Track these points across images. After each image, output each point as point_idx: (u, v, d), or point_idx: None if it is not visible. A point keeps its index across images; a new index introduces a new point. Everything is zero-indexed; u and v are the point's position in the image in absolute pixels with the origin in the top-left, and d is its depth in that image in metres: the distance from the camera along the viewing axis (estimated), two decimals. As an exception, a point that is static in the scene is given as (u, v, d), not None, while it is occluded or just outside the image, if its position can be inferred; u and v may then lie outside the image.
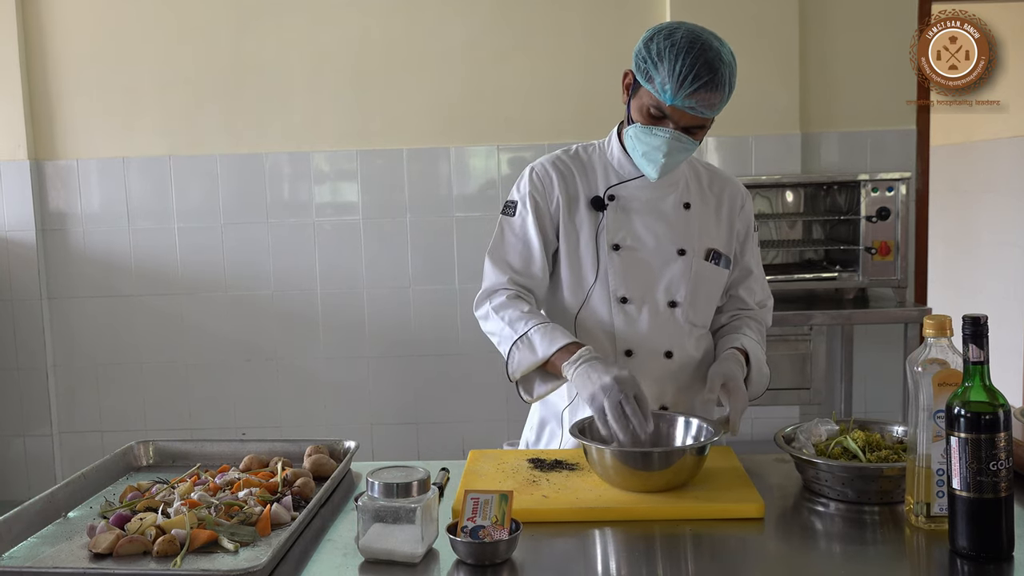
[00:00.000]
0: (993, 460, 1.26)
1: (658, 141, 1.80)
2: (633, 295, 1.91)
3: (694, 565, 1.41)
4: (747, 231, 2.04)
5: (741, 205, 2.03)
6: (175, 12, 4.15)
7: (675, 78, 1.73)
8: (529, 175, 1.97)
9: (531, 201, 1.94)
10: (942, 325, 1.38)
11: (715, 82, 1.73)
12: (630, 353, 1.91)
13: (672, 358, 1.92)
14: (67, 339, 4.26)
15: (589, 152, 2.00)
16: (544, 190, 1.94)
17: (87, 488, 1.65)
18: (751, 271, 2.05)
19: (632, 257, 1.91)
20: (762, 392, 1.96)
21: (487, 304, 1.92)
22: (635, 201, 1.93)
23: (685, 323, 1.93)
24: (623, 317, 1.91)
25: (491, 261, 1.96)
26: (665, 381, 1.92)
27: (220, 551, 1.38)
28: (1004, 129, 4.93)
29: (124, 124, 4.19)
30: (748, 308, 2.04)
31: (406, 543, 1.33)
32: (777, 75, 4.06)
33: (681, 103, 1.74)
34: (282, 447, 1.82)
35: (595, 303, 1.92)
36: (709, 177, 2.02)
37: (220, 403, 4.26)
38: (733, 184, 2.05)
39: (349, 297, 4.23)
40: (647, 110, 1.80)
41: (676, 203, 1.94)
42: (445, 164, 4.18)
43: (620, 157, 1.94)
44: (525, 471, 1.67)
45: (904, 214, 3.81)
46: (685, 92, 1.73)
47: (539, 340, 1.80)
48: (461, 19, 4.14)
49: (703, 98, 1.74)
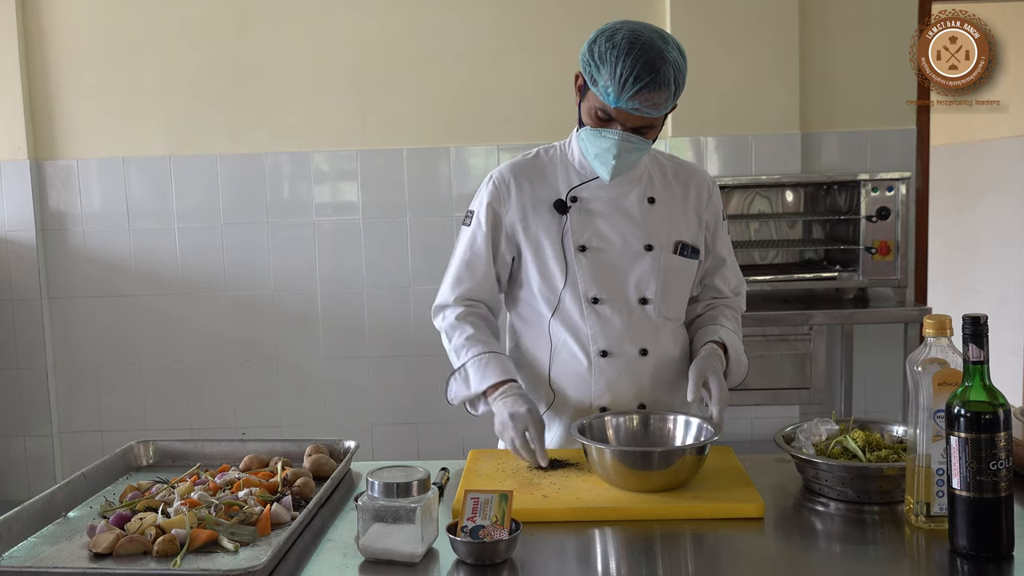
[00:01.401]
0: (993, 460, 1.26)
1: (607, 143, 1.80)
2: (604, 295, 1.90)
3: (694, 565, 1.41)
4: (716, 220, 2.02)
5: (708, 195, 2.01)
6: (175, 12, 4.15)
7: (617, 81, 1.72)
8: (487, 184, 1.97)
9: (489, 212, 1.94)
10: (942, 325, 1.38)
11: (657, 82, 1.72)
12: (605, 353, 1.90)
13: (648, 355, 1.92)
14: (67, 339, 4.26)
15: (550, 154, 2.00)
16: (501, 199, 1.94)
17: (87, 488, 1.65)
18: (724, 259, 2.05)
19: (599, 257, 1.91)
20: (741, 380, 1.97)
21: (440, 318, 1.99)
22: (597, 201, 1.92)
23: (658, 318, 1.93)
24: (595, 318, 1.90)
25: (447, 274, 2.00)
26: (642, 379, 1.92)
27: (220, 551, 1.38)
28: (1004, 129, 4.93)
29: (124, 124, 4.19)
30: (723, 296, 2.04)
31: (406, 543, 1.33)
32: (777, 75, 4.06)
33: (625, 105, 1.74)
34: (282, 447, 1.82)
35: (567, 306, 1.91)
36: (674, 169, 2.01)
37: (220, 403, 4.26)
38: (699, 174, 2.04)
39: (349, 297, 4.23)
40: (595, 112, 1.80)
41: (640, 199, 1.93)
42: (445, 164, 4.18)
43: (580, 158, 1.94)
44: (525, 471, 1.67)
45: (904, 214, 3.81)
46: (628, 94, 1.72)
47: (473, 374, 1.87)
48: (461, 19, 4.14)
49: (647, 98, 1.73)
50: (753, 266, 4.15)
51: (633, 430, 1.74)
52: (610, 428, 1.73)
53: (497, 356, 1.88)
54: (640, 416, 1.77)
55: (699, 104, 4.08)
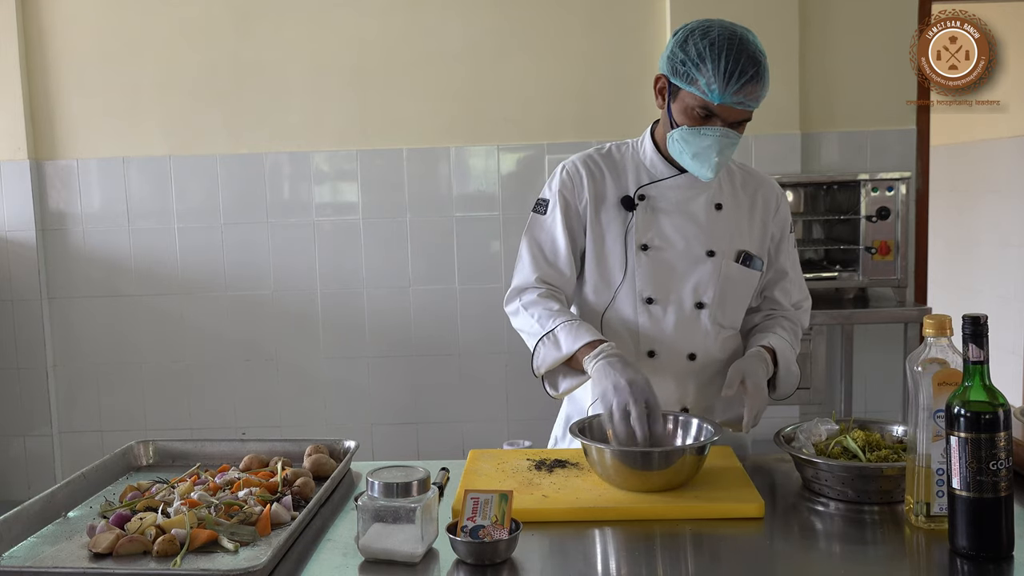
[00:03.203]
0: (993, 460, 1.26)
1: (709, 140, 1.80)
2: (659, 296, 1.91)
3: (694, 565, 1.41)
4: (782, 232, 2.02)
5: (776, 207, 2.01)
6: (175, 12, 4.15)
7: (721, 76, 1.73)
8: (560, 173, 1.98)
9: (561, 200, 1.94)
10: (942, 325, 1.38)
11: (760, 74, 1.75)
12: (652, 354, 1.91)
13: (695, 360, 1.92)
14: (67, 339, 4.26)
15: (622, 151, 2.00)
16: (574, 188, 1.95)
17: (87, 488, 1.65)
18: (786, 272, 2.03)
19: (660, 258, 1.91)
20: (791, 392, 1.95)
21: (517, 301, 1.94)
22: (665, 201, 1.92)
23: (712, 325, 1.93)
24: (648, 317, 1.91)
25: (522, 258, 1.97)
26: (687, 383, 1.92)
27: (220, 551, 1.38)
28: (1004, 129, 4.93)
29: (124, 124, 4.19)
30: (783, 309, 2.04)
31: (406, 543, 1.33)
32: (777, 75, 4.00)
33: (730, 100, 1.75)
34: (282, 447, 1.81)
35: (621, 303, 1.92)
36: (743, 177, 2.01)
37: (220, 403, 4.26)
38: (768, 184, 2.04)
39: (349, 297, 4.23)
40: (693, 111, 1.80)
41: (707, 204, 1.94)
42: (445, 164, 4.18)
43: (653, 157, 1.94)
44: (525, 471, 1.67)
45: (904, 214, 3.81)
46: (733, 88, 1.74)
47: (564, 336, 1.82)
48: (461, 19, 4.14)
49: (750, 92, 1.76)
50: (753, 266, 4.14)
51: (633, 430, 1.74)
52: (610, 428, 1.73)
53: (588, 325, 1.85)
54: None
55: (699, 104, 4.08)
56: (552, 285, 1.94)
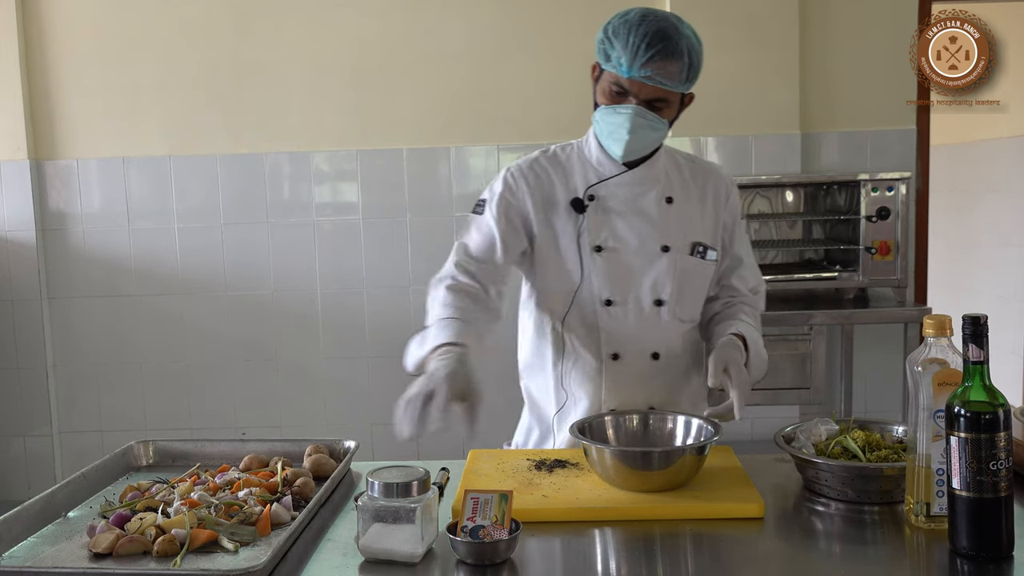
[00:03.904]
0: (993, 460, 1.26)
1: (621, 118, 1.79)
2: (617, 297, 1.88)
3: (694, 565, 1.41)
4: (734, 220, 2.01)
5: (727, 195, 1.99)
6: (175, 12, 4.15)
7: (629, 49, 1.73)
8: (503, 177, 1.94)
9: (501, 202, 1.91)
10: (942, 325, 1.38)
11: (669, 49, 1.73)
12: (617, 356, 1.89)
13: (659, 359, 1.91)
14: (67, 339, 4.26)
15: (567, 152, 1.96)
16: (517, 192, 1.91)
17: (87, 488, 1.65)
18: (742, 259, 2.02)
19: (615, 258, 1.88)
20: (762, 375, 1.94)
21: (430, 291, 1.89)
22: (615, 200, 1.89)
23: (672, 320, 1.91)
24: (608, 319, 1.89)
25: (452, 251, 1.94)
26: (652, 382, 1.91)
27: (220, 551, 1.38)
28: (1004, 129, 4.93)
29: (124, 124, 4.19)
30: (741, 295, 2.02)
31: (406, 543, 1.33)
32: (777, 75, 4.06)
33: (637, 73, 1.74)
34: (282, 447, 1.81)
35: (580, 307, 1.89)
36: (691, 168, 1.99)
37: (220, 403, 4.26)
38: (717, 174, 2.02)
39: (349, 297, 4.23)
40: (609, 89, 1.80)
41: (658, 198, 1.91)
42: (445, 164, 4.18)
43: (599, 155, 1.91)
44: (525, 471, 1.67)
45: (904, 214, 3.81)
46: (640, 61, 1.73)
47: (432, 333, 1.74)
48: (461, 19, 4.14)
49: (659, 67, 1.74)
50: (753, 266, 4.14)
51: (633, 430, 1.74)
52: (610, 428, 1.73)
53: (465, 323, 1.75)
54: (640, 416, 1.76)
55: (699, 104, 4.05)
56: (472, 275, 1.87)
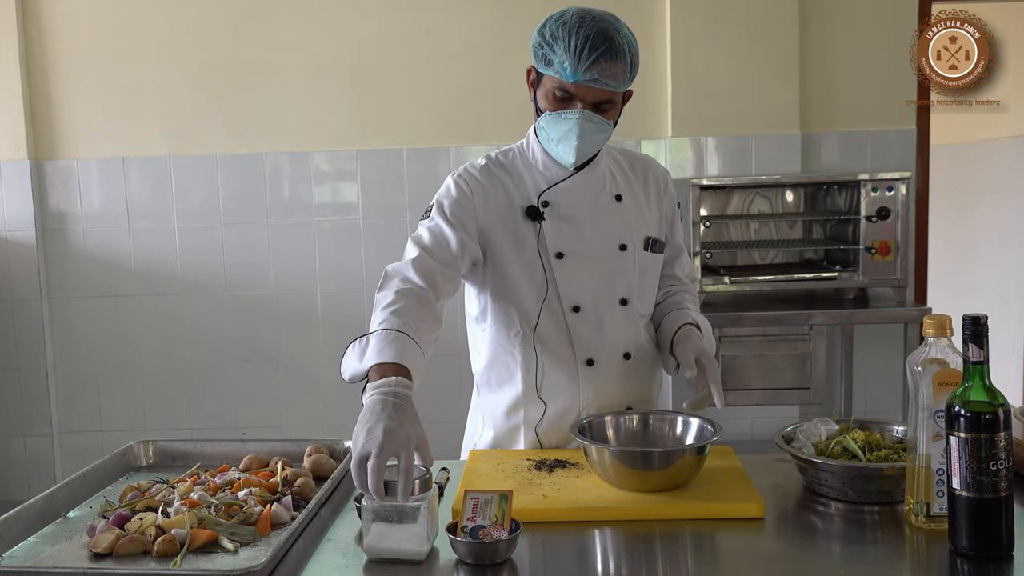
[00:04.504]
0: (993, 460, 1.26)
1: (569, 124, 1.76)
2: (584, 302, 1.86)
3: (694, 565, 1.41)
4: (673, 210, 2.01)
5: (665, 186, 1.99)
6: (175, 12, 4.15)
7: (573, 53, 1.70)
8: (454, 183, 1.87)
9: (456, 208, 1.84)
10: (942, 325, 1.38)
11: (613, 51, 1.71)
12: (591, 362, 1.88)
13: (630, 359, 1.91)
14: (67, 339, 4.26)
15: (510, 158, 1.92)
16: (474, 200, 1.85)
17: (87, 488, 1.65)
18: (681, 248, 2.04)
19: (578, 263, 1.86)
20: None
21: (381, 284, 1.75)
22: (569, 205, 1.87)
23: (636, 317, 1.91)
24: (579, 325, 1.87)
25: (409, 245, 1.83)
26: (627, 382, 1.91)
27: (220, 551, 1.38)
28: (1004, 129, 4.92)
29: (124, 124, 4.19)
30: (681, 283, 2.03)
31: (410, 541, 1.33)
32: (777, 75, 4.06)
33: (583, 77, 1.72)
34: (282, 447, 1.81)
35: (548, 317, 1.86)
36: (629, 162, 1.99)
37: (220, 403, 4.26)
38: (653, 165, 2.02)
39: (349, 297, 4.23)
40: (552, 95, 1.77)
41: (609, 198, 1.90)
42: (445, 164, 4.18)
43: (544, 160, 1.88)
44: (525, 471, 1.67)
45: (904, 214, 3.81)
46: (585, 64, 1.70)
47: (372, 346, 1.58)
48: (461, 19, 4.14)
49: (604, 68, 1.71)
50: (753, 266, 4.15)
51: (633, 430, 1.74)
52: (610, 428, 1.73)
53: (408, 339, 1.58)
54: (640, 416, 1.77)
55: (699, 104, 4.08)
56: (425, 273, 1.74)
